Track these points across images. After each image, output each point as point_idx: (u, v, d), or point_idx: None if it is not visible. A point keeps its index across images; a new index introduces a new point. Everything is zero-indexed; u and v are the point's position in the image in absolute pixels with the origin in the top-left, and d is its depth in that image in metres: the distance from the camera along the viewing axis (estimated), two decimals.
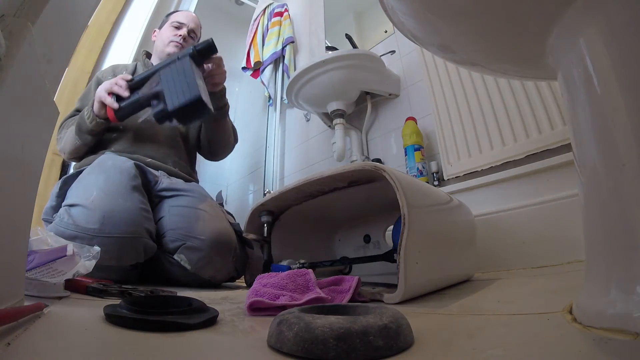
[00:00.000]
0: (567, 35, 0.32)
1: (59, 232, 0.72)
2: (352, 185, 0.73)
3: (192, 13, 1.30)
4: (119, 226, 0.74)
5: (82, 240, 0.70)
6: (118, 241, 0.73)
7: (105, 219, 0.73)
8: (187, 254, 0.83)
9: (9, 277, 0.32)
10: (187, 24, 1.23)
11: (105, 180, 0.80)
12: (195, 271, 0.83)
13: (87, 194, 0.77)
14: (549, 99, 0.85)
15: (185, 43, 1.21)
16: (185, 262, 0.82)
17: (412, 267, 0.48)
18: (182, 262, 0.82)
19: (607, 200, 0.27)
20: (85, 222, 0.73)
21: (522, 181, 0.88)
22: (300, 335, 0.25)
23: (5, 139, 0.29)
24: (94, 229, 0.72)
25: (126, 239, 0.75)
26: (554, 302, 0.36)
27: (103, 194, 0.77)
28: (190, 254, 0.83)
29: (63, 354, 0.26)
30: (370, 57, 1.32)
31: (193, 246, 0.83)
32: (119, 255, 0.74)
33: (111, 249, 0.72)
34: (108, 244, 0.71)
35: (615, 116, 0.26)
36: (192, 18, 1.26)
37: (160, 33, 1.24)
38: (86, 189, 0.79)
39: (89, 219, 0.73)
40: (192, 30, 1.25)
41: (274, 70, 2.06)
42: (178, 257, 0.82)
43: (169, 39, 1.18)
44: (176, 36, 1.19)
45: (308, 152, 1.83)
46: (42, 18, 0.32)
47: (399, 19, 0.46)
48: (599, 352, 0.22)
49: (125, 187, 0.81)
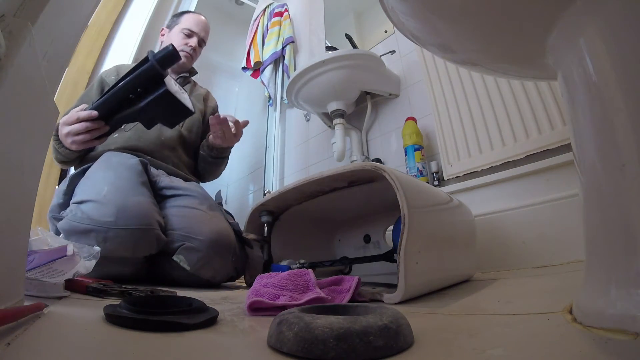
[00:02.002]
0: (567, 35, 0.32)
1: (73, 227, 0.73)
2: (352, 185, 0.73)
3: (203, 18, 1.28)
4: (133, 218, 0.76)
5: (97, 234, 0.72)
6: (133, 233, 0.75)
7: (120, 212, 0.75)
8: (186, 254, 0.83)
9: (9, 277, 0.32)
10: (198, 33, 1.23)
11: (115, 176, 0.83)
12: (194, 272, 0.82)
13: (97, 189, 0.79)
14: (549, 99, 0.85)
15: (194, 53, 1.23)
16: (185, 263, 0.82)
17: (412, 267, 0.48)
18: (181, 262, 0.82)
19: (607, 200, 0.27)
20: (100, 215, 0.74)
21: (522, 181, 0.88)
22: (300, 335, 0.25)
23: (5, 139, 0.29)
24: (109, 221, 0.73)
25: (140, 231, 0.76)
26: (554, 302, 0.36)
27: (115, 189, 0.79)
28: (189, 255, 0.82)
29: (63, 354, 0.26)
30: (370, 57, 1.32)
31: (192, 247, 0.83)
32: (134, 247, 0.76)
33: (127, 240, 0.74)
34: (124, 235, 0.74)
35: (615, 116, 0.26)
36: (203, 26, 1.26)
37: (169, 36, 1.23)
38: (95, 185, 0.81)
39: (103, 212, 0.74)
40: (202, 39, 1.25)
41: (274, 70, 2.06)
42: (177, 258, 0.82)
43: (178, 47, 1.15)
44: (186, 46, 1.19)
45: (308, 152, 1.83)
46: (42, 18, 0.32)
47: (399, 19, 0.46)
48: (599, 352, 0.22)
49: (135, 182, 0.83)
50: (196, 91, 1.29)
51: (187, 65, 1.23)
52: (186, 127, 1.16)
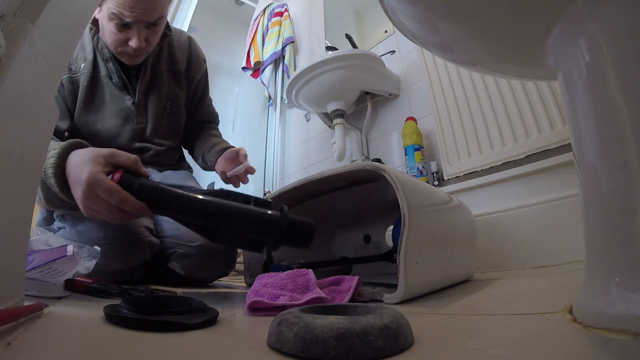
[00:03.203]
0: (567, 35, 0.32)
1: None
2: (352, 185, 0.73)
3: None
4: (120, 231, 0.73)
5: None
6: (123, 246, 0.73)
7: (106, 226, 0.71)
8: (180, 261, 0.83)
9: (9, 277, 0.32)
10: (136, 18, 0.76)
11: None
12: (189, 275, 0.84)
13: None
14: (549, 99, 0.85)
15: (146, 47, 0.83)
16: (179, 269, 0.83)
17: (412, 267, 0.48)
18: (176, 269, 0.83)
19: (607, 200, 0.27)
20: (86, 231, 0.72)
21: (522, 181, 0.88)
22: (300, 335, 0.25)
23: (5, 139, 0.29)
24: (98, 237, 0.71)
25: (130, 242, 0.74)
26: (554, 302, 0.36)
27: None
28: (182, 261, 0.83)
29: (63, 354, 0.26)
30: (370, 57, 1.32)
31: (184, 253, 0.83)
32: (127, 259, 0.74)
33: (118, 253, 0.72)
34: (114, 250, 0.71)
35: (615, 116, 0.26)
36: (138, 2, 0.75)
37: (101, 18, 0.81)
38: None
39: (89, 227, 0.72)
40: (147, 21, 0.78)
41: (274, 70, 2.06)
42: (172, 265, 0.83)
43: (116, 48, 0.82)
44: (126, 46, 0.81)
45: (308, 152, 1.83)
46: (42, 18, 0.32)
47: (399, 19, 0.46)
48: (599, 352, 0.22)
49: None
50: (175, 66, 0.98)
51: (138, 61, 0.88)
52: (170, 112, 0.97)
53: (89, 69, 0.85)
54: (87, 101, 0.85)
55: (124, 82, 0.89)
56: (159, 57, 0.95)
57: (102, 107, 0.87)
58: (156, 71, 0.94)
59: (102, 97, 0.87)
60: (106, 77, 0.87)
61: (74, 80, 0.84)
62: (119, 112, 0.89)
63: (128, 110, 0.90)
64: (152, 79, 0.93)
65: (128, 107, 0.89)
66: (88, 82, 0.85)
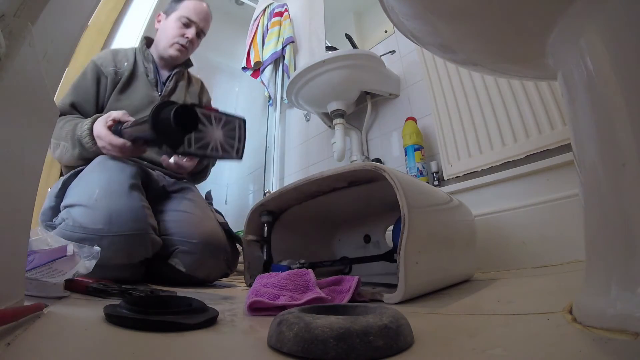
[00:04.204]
0: (568, 35, 0.32)
1: (66, 236, 0.70)
2: (352, 185, 0.73)
3: (205, 6, 1.15)
4: (126, 224, 0.75)
5: (91, 242, 0.68)
6: (127, 239, 0.74)
7: (112, 219, 0.73)
8: (181, 257, 0.86)
9: (9, 277, 0.32)
10: (197, 22, 1.12)
11: (108, 179, 0.80)
12: (189, 273, 0.86)
13: (88, 192, 0.77)
14: (549, 99, 0.85)
15: (191, 46, 1.12)
16: (180, 265, 0.85)
17: (412, 267, 0.48)
18: (177, 265, 0.85)
19: (607, 200, 0.27)
20: (92, 223, 0.73)
21: (522, 181, 0.88)
22: (300, 335, 0.25)
23: (5, 139, 0.29)
24: (101, 229, 0.72)
25: (134, 236, 0.76)
26: (554, 302, 0.36)
27: (106, 192, 0.77)
28: (184, 257, 0.86)
29: (63, 354, 0.26)
30: (370, 57, 1.32)
31: (186, 250, 0.86)
32: (129, 253, 0.76)
33: (121, 247, 0.73)
34: (118, 242, 0.73)
35: (615, 116, 0.26)
36: (204, 15, 1.14)
37: (165, 24, 1.12)
38: (87, 187, 0.79)
39: (94, 219, 0.73)
40: (202, 30, 1.14)
41: (274, 70, 2.06)
42: (173, 262, 0.85)
43: (174, 39, 1.09)
44: (182, 37, 1.09)
45: (308, 152, 1.83)
46: (42, 18, 0.32)
47: (399, 19, 0.46)
48: (599, 352, 0.22)
49: (127, 186, 0.81)
50: (191, 87, 1.23)
51: (180, 59, 1.14)
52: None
53: (131, 68, 1.07)
54: (123, 88, 1.04)
55: (156, 80, 1.10)
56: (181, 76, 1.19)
57: (133, 94, 1.06)
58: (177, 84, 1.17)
59: (136, 87, 1.07)
60: (143, 74, 1.09)
61: (119, 73, 1.05)
62: (146, 98, 1.07)
63: (154, 99, 1.08)
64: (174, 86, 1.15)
65: (155, 97, 1.09)
66: (129, 74, 1.06)
